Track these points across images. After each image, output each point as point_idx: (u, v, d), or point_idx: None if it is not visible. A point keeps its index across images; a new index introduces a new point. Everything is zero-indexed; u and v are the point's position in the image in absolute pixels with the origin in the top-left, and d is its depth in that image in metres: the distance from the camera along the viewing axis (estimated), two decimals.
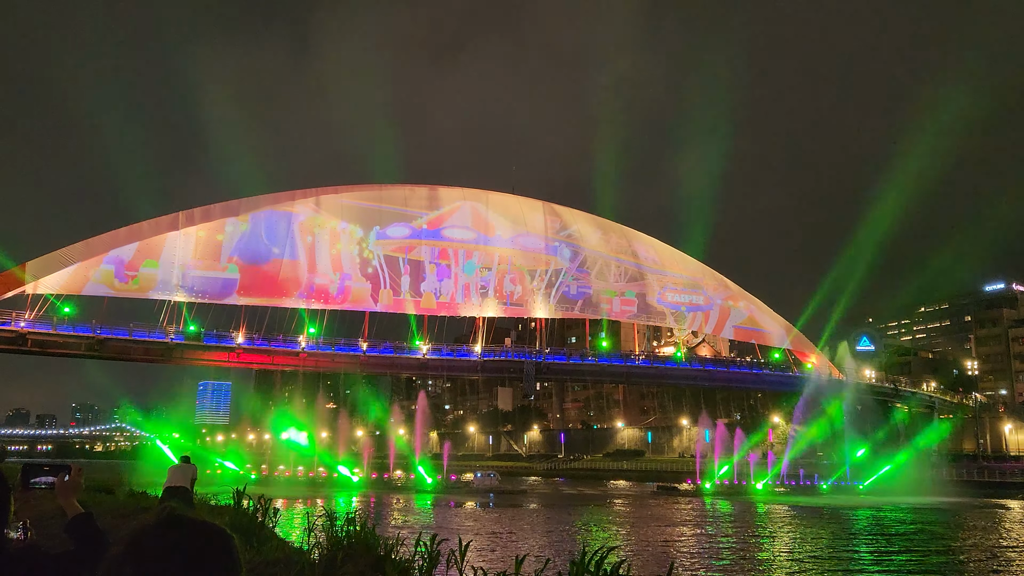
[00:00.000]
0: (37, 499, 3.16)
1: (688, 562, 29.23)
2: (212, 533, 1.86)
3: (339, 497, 55.72)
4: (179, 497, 13.67)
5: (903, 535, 39.29)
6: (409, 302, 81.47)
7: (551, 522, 43.90)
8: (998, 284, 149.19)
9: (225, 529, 1.90)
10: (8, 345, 64.31)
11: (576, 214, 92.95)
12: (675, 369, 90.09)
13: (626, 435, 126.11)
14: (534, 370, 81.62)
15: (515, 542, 33.79)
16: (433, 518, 45.48)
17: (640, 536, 37.67)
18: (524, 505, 55.52)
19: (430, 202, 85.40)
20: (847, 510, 52.77)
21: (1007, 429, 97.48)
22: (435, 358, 79.82)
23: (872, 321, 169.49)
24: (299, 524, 19.14)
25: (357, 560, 9.79)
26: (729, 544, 35.35)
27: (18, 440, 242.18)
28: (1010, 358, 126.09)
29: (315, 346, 74.51)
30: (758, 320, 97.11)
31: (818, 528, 42.01)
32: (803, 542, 36.01)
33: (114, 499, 18.57)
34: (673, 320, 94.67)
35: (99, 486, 21.56)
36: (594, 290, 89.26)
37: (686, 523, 44.63)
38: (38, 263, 66.91)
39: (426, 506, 53.96)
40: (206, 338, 71.12)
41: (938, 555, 32.24)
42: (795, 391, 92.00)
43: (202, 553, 1.80)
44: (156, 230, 72.77)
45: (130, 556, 1.77)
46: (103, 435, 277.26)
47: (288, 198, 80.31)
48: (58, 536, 3.12)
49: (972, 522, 45.57)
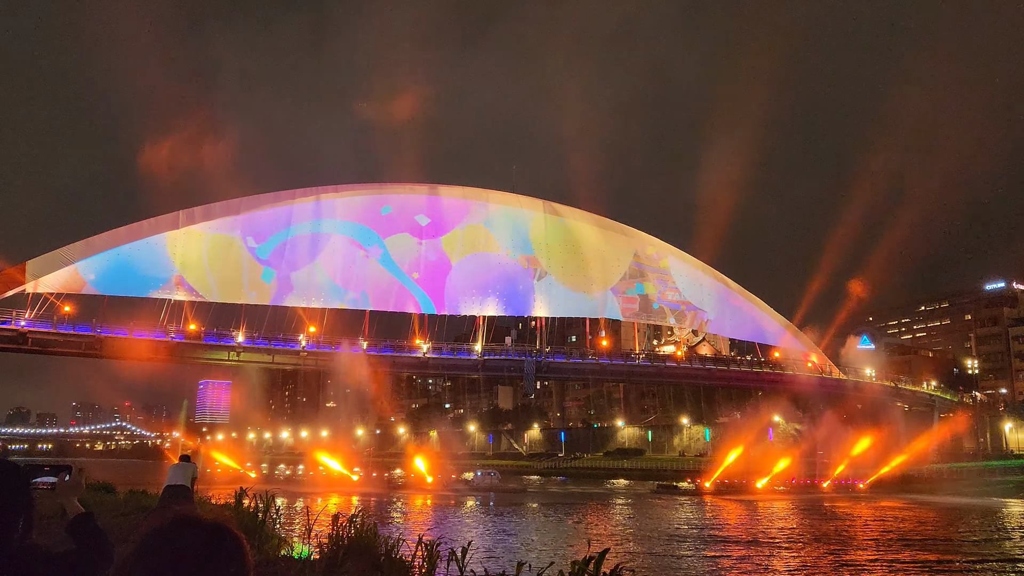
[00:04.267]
0: (37, 499, 3.15)
1: (688, 561, 29.23)
2: (224, 534, 1.86)
3: (339, 496, 55.75)
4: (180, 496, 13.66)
5: (903, 534, 39.29)
6: (409, 301, 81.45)
7: (551, 521, 43.92)
8: (998, 283, 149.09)
9: (237, 531, 1.90)
10: (8, 344, 64.32)
11: (576, 213, 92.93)
12: (675, 368, 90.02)
13: (626, 434, 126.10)
14: (534, 369, 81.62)
15: (515, 541, 33.80)
16: (433, 517, 45.49)
17: (640, 536, 37.67)
18: (524, 504, 55.53)
19: (430, 201, 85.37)
20: (848, 509, 52.77)
21: (1007, 428, 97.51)
22: (435, 357, 79.82)
23: (872, 320, 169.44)
24: (300, 523, 19.15)
25: (358, 559, 9.79)
26: (729, 543, 35.34)
27: (18, 439, 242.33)
28: (1010, 357, 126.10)
29: (315, 345, 74.50)
30: (758, 319, 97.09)
31: (818, 527, 42.00)
32: (803, 541, 36.01)
33: (114, 498, 18.58)
34: (673, 319, 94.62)
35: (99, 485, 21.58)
36: (594, 289, 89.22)
37: (686, 522, 44.62)
38: (38, 262, 66.90)
39: (426, 505, 53.99)
40: (206, 337, 71.15)
41: (938, 554, 32.24)
42: (795, 390, 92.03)
43: (214, 554, 1.80)
44: (156, 228, 72.75)
45: (142, 556, 1.77)
46: (103, 434, 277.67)
47: (288, 197, 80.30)
48: (58, 536, 3.12)
49: (972, 522, 45.58)
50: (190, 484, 14.59)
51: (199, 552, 1.78)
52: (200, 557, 1.78)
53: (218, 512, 2.07)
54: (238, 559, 1.84)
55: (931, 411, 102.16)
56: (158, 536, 1.81)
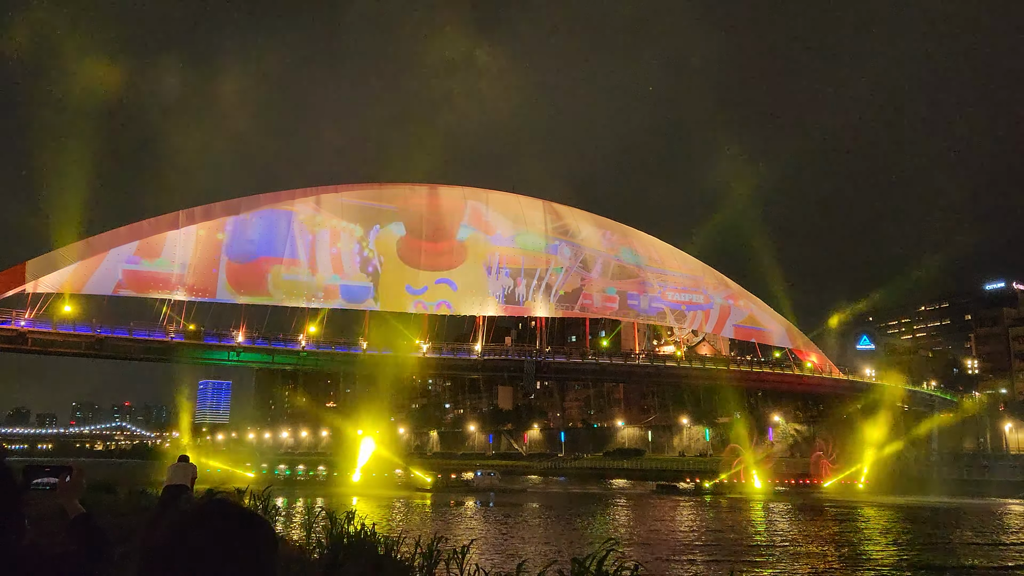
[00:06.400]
0: (37, 499, 3.16)
1: (688, 561, 29.23)
2: (258, 522, 1.87)
3: (339, 496, 55.74)
4: (180, 496, 13.68)
5: (902, 533, 39.30)
6: (409, 301, 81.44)
7: (552, 521, 43.92)
8: (998, 283, 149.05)
9: (266, 519, 1.91)
10: (8, 344, 64.29)
11: (576, 213, 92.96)
12: (675, 368, 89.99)
13: (626, 434, 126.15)
14: (534, 369, 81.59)
15: (515, 541, 33.79)
16: (433, 517, 45.48)
17: (640, 535, 37.67)
18: (524, 504, 55.51)
19: (430, 200, 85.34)
20: (847, 509, 52.77)
21: (1007, 428, 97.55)
22: (435, 357, 79.83)
23: (872, 320, 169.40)
24: (300, 523, 19.15)
25: (358, 559, 9.79)
26: (728, 542, 35.35)
27: (18, 439, 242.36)
28: (1010, 357, 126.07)
29: (315, 345, 74.53)
30: (758, 319, 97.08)
31: (818, 526, 42.01)
32: (802, 541, 36.01)
33: (114, 498, 18.59)
34: (673, 319, 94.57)
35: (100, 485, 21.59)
36: (594, 289, 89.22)
37: (686, 521, 44.63)
38: (38, 262, 66.86)
39: (426, 505, 53.98)
40: (206, 337, 71.12)
41: (937, 554, 32.24)
42: (795, 390, 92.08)
43: (249, 541, 1.80)
44: (156, 228, 72.71)
45: (181, 539, 1.77)
46: (103, 434, 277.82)
47: (288, 197, 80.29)
48: (58, 536, 3.13)
49: (972, 522, 45.57)
50: (190, 484, 14.63)
51: (236, 539, 1.78)
52: (237, 544, 1.77)
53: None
54: (270, 547, 1.85)
55: (931, 411, 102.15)
56: (196, 518, 1.81)
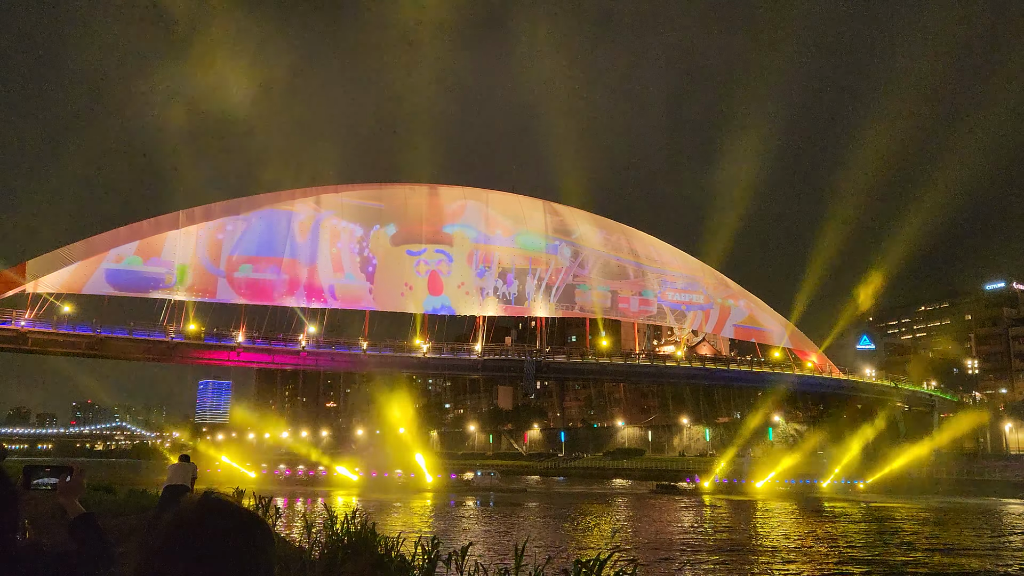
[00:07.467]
0: (37, 499, 3.16)
1: (688, 561, 29.24)
2: (257, 523, 1.86)
3: (339, 496, 55.75)
4: (180, 496, 13.69)
5: (902, 533, 39.31)
6: (409, 301, 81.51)
7: (552, 521, 43.91)
8: (998, 283, 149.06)
9: (262, 518, 1.90)
10: (8, 344, 64.35)
11: (576, 213, 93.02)
12: (676, 368, 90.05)
13: (627, 434, 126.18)
14: (534, 369, 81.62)
15: (515, 541, 33.79)
16: (433, 517, 45.48)
17: (640, 535, 37.69)
18: (524, 504, 55.51)
19: (430, 200, 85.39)
20: (847, 509, 52.79)
21: (1007, 428, 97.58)
22: (435, 357, 79.90)
23: (872, 320, 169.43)
24: (299, 523, 19.16)
25: (357, 559, 9.80)
26: (728, 541, 35.36)
27: (18, 439, 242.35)
28: (1010, 357, 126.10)
29: (315, 346, 74.58)
30: (758, 319, 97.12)
31: (818, 526, 42.03)
32: (803, 540, 36.03)
33: (114, 498, 18.61)
34: (673, 319, 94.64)
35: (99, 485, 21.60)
36: (594, 289, 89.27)
37: (686, 521, 44.65)
38: (38, 262, 66.92)
39: (426, 505, 53.98)
40: (206, 337, 71.20)
41: (936, 553, 32.25)
42: (796, 390, 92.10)
43: (248, 541, 1.79)
44: (156, 229, 72.78)
45: (178, 537, 1.76)
46: (103, 434, 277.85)
47: (288, 197, 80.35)
48: (58, 536, 3.13)
49: (972, 522, 45.58)
50: (190, 484, 14.64)
51: (234, 538, 1.77)
52: (235, 543, 1.76)
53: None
54: (269, 545, 1.84)
55: (931, 411, 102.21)
56: (194, 517, 1.79)
